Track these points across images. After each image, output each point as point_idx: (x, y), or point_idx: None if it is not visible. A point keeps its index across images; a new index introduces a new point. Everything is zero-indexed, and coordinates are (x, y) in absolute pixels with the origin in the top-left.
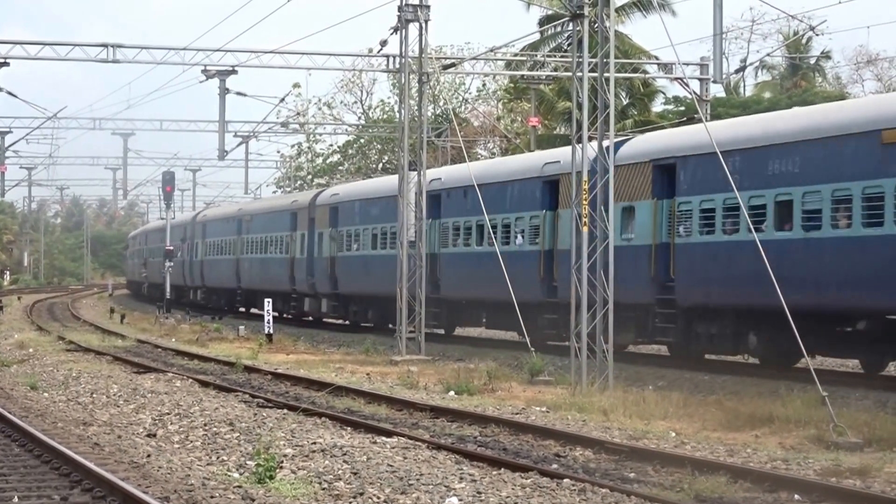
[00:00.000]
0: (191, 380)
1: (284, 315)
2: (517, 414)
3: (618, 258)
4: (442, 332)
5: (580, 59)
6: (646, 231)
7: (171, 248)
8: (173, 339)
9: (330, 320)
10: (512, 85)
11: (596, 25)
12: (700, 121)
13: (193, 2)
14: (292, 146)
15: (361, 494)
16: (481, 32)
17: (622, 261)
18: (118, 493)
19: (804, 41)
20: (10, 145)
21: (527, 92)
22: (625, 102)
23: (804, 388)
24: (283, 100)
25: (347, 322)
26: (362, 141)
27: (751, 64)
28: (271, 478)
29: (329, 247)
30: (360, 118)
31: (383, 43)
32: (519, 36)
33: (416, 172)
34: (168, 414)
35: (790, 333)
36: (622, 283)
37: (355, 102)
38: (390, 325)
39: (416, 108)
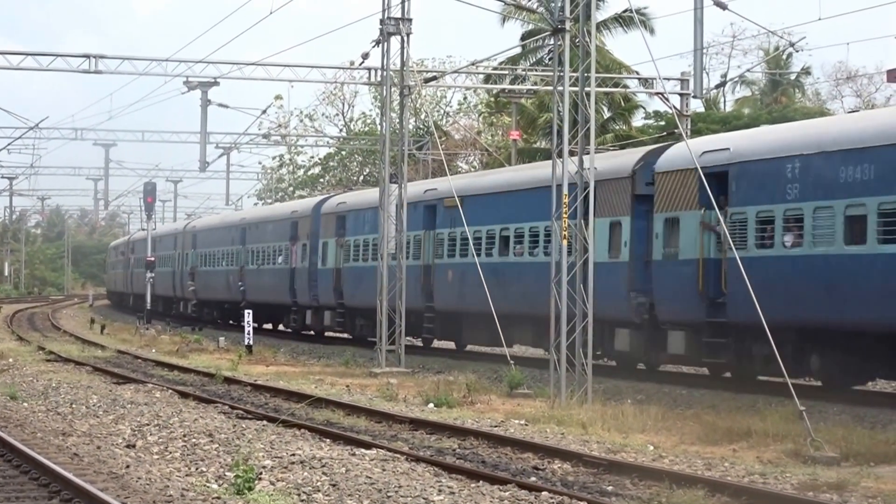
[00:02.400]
0: (170, 391)
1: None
2: (496, 427)
3: None
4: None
5: (561, 74)
6: None
7: (153, 258)
8: (153, 350)
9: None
10: (492, 99)
11: (577, 40)
12: (680, 136)
13: (176, 13)
14: (274, 158)
15: None
16: (463, 46)
17: None
18: None
19: (784, 57)
20: None
21: (507, 106)
22: (605, 116)
23: (782, 403)
24: (264, 111)
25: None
26: (344, 153)
27: (731, 79)
28: (250, 489)
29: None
30: (341, 130)
31: (365, 56)
32: (500, 50)
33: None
34: (147, 425)
35: None
36: None
37: (337, 115)
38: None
39: (397, 120)
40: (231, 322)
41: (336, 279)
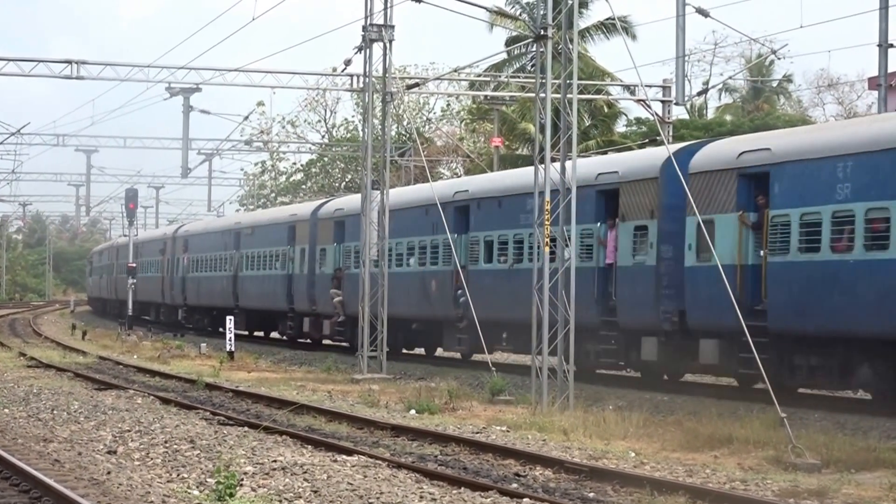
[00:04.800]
0: (152, 397)
1: None
2: (478, 433)
3: None
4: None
5: (543, 81)
6: None
7: (134, 265)
8: (135, 356)
9: None
10: (475, 106)
11: (559, 47)
12: (662, 143)
13: (162, 19)
14: (256, 164)
15: None
16: (447, 53)
17: None
18: None
19: (767, 64)
20: None
21: (489, 112)
22: (587, 123)
23: (763, 410)
24: (247, 118)
25: None
26: (326, 159)
27: (713, 86)
28: (231, 495)
29: None
30: (323, 137)
31: (347, 62)
32: (483, 56)
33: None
34: (129, 431)
35: None
36: None
37: (319, 121)
38: None
39: (379, 127)
40: (416, 352)
41: (677, 282)
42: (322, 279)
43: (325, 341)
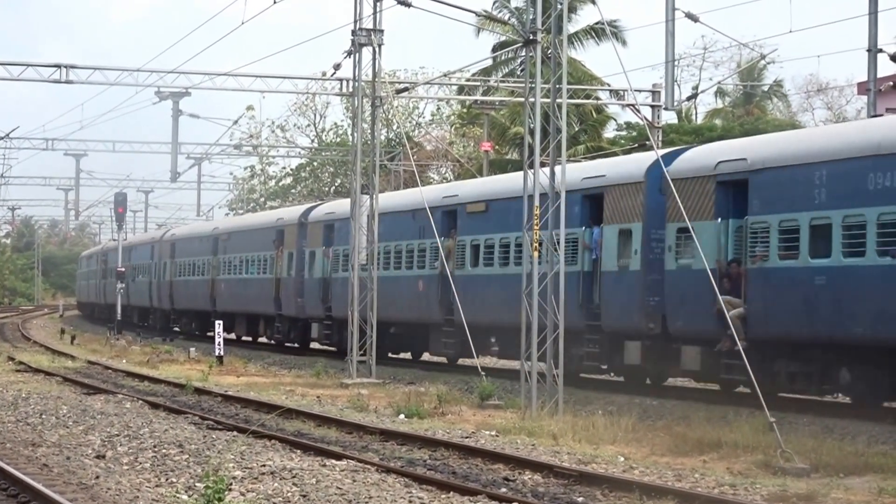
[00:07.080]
0: (141, 401)
1: None
2: (467, 437)
3: None
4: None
5: (532, 85)
6: None
7: (123, 269)
8: (124, 361)
9: None
10: (464, 110)
11: (549, 52)
12: (651, 147)
13: (151, 22)
14: (245, 168)
15: None
16: (437, 58)
17: None
18: None
19: (761, 68)
20: None
21: (479, 117)
22: (576, 128)
23: (752, 414)
24: (236, 122)
25: None
26: (315, 164)
27: (703, 91)
28: (220, 500)
29: None
30: (313, 141)
31: (337, 66)
32: (473, 61)
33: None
34: (117, 435)
35: None
36: None
37: (308, 125)
38: None
39: (368, 131)
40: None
41: None
42: (679, 279)
43: (672, 380)
